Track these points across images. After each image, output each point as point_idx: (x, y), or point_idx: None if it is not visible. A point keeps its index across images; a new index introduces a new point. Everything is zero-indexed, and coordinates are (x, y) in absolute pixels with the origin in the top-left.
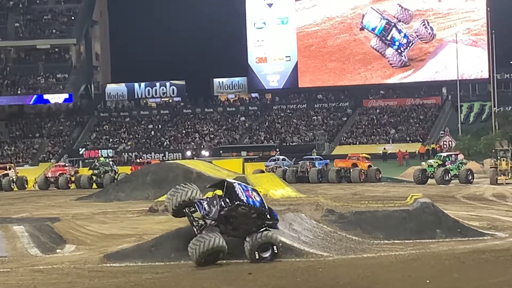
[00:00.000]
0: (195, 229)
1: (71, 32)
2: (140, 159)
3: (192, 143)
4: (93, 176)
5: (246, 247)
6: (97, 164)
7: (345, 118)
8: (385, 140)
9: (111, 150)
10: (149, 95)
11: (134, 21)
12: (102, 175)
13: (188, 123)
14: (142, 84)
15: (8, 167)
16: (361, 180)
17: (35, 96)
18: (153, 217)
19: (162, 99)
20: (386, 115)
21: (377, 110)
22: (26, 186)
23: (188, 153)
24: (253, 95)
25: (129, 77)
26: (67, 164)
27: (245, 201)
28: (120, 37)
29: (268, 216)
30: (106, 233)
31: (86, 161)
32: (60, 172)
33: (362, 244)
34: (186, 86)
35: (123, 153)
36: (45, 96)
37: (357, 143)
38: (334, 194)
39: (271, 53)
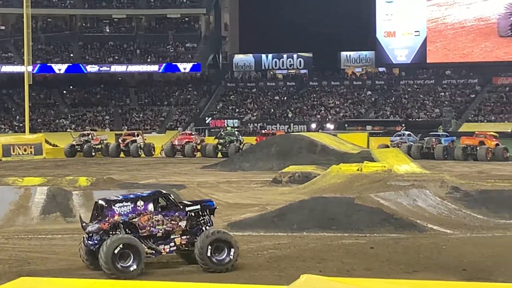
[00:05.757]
0: None
1: (201, 2)
2: (265, 130)
3: (318, 116)
4: (218, 145)
5: None
6: (223, 133)
7: (474, 95)
8: None
9: (236, 120)
10: (276, 66)
11: None
12: (227, 145)
13: (314, 95)
14: (270, 56)
15: (136, 133)
16: (488, 158)
17: (164, 64)
18: (276, 188)
19: (289, 71)
20: None
21: (507, 88)
22: (153, 153)
23: (313, 125)
24: (380, 69)
25: (256, 48)
26: (193, 133)
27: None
28: (249, 8)
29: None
30: (230, 202)
31: (212, 130)
32: (187, 140)
33: (488, 223)
34: (313, 59)
35: (249, 124)
36: (174, 64)
37: (485, 121)
38: (460, 171)
39: (400, 27)
